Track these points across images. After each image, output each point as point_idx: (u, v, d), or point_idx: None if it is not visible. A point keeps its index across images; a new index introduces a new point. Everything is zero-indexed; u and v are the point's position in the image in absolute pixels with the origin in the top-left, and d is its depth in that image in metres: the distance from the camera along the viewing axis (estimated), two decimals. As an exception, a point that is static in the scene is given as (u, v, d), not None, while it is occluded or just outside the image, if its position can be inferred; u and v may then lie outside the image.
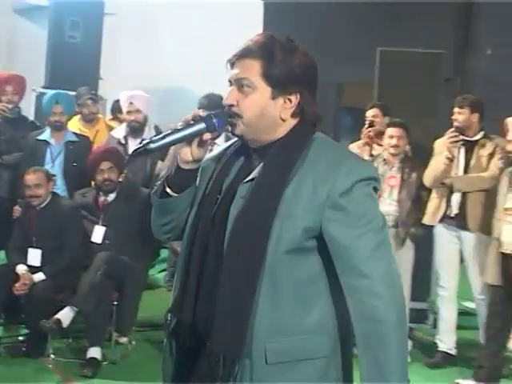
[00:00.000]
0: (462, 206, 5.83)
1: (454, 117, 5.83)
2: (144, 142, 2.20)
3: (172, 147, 4.89)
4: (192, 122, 2.21)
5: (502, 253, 5.25)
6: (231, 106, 2.22)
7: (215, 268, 2.19)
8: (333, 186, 2.13)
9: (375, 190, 2.22)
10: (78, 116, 7.09)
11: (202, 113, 2.24)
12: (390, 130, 6.02)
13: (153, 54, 11.06)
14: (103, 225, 5.77)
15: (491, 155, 5.82)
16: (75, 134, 6.47)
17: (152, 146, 2.18)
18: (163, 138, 2.19)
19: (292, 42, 2.25)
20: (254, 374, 2.13)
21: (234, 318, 2.13)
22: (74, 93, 7.26)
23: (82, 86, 7.47)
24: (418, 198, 5.97)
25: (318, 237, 2.16)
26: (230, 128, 2.26)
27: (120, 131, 6.42)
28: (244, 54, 2.22)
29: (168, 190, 2.32)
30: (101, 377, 5.39)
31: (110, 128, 7.05)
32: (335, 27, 10.71)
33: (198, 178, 2.35)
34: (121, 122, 7.43)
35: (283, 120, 2.24)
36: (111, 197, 5.83)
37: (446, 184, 5.83)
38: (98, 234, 5.74)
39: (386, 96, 7.19)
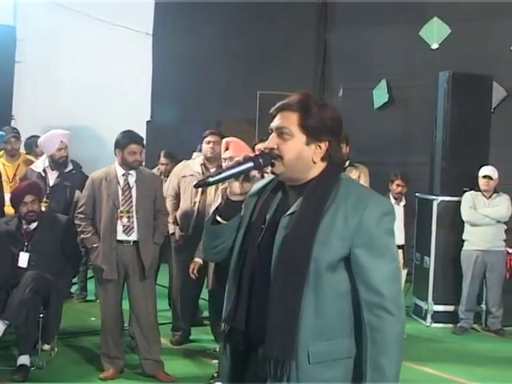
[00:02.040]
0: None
1: None
2: (206, 176, 2.37)
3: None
4: (243, 162, 2.34)
5: None
6: (272, 149, 2.34)
7: (264, 286, 2.31)
8: (362, 216, 2.27)
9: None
10: (2, 151, 6.93)
11: (251, 154, 2.38)
12: None
13: (56, 95, 10.92)
14: (27, 251, 5.63)
15: (357, 180, 6.08)
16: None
17: (211, 179, 2.33)
18: (219, 173, 2.35)
19: (323, 100, 2.43)
20: (299, 373, 2.27)
21: (284, 327, 2.26)
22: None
23: (-3, 125, 7.30)
24: None
25: (347, 258, 2.29)
26: (270, 168, 2.37)
27: (39, 165, 6.29)
28: (284, 108, 2.36)
29: (218, 218, 2.45)
30: (30, 381, 5.30)
31: (29, 162, 6.90)
32: (218, 73, 10.84)
33: (242, 209, 2.47)
34: (36, 156, 7.30)
35: (314, 162, 2.36)
36: (33, 225, 5.71)
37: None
38: (23, 259, 5.60)
39: (266, 132, 7.41)
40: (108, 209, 5.30)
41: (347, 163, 6.16)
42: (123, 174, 5.37)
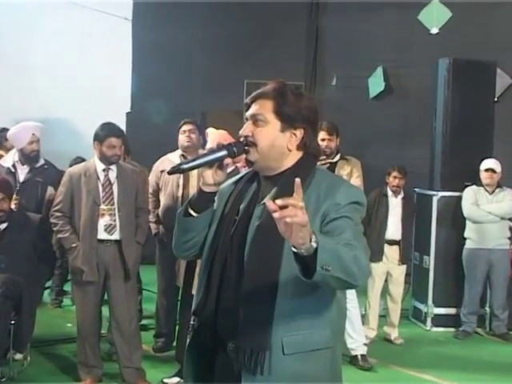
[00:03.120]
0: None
1: (325, 143, 5.92)
2: (178, 163, 2.45)
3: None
4: (216, 149, 2.45)
5: None
6: (247, 136, 2.47)
7: (235, 276, 2.41)
8: (332, 199, 2.37)
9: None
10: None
11: (225, 142, 2.49)
12: None
13: (29, 88, 10.87)
14: (-3, 252, 5.59)
15: (350, 174, 6.05)
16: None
17: (185, 166, 2.42)
18: (193, 160, 2.45)
19: (299, 89, 2.56)
20: (272, 364, 2.33)
21: (258, 317, 2.33)
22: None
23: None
24: None
25: None
26: (245, 155, 2.48)
27: (9, 160, 6.24)
28: (259, 96, 2.50)
29: (190, 210, 2.55)
30: (0, 392, 5.30)
31: (-1, 156, 6.86)
32: (202, 61, 10.81)
33: (215, 202, 2.58)
34: (6, 150, 7.23)
35: (290, 150, 2.49)
36: (3, 225, 5.64)
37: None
38: None
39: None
40: (88, 206, 5.30)
41: (338, 157, 6.09)
42: (103, 170, 5.38)
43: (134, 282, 5.57)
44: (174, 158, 6.27)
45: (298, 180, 2.06)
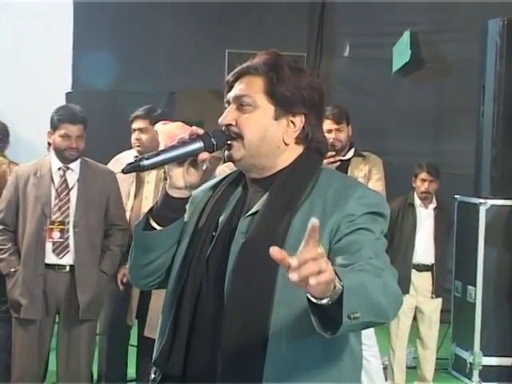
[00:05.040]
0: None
1: (332, 135, 5.83)
2: (138, 157, 2.42)
3: None
4: (189, 141, 2.42)
5: None
6: (229, 125, 2.44)
7: (212, 314, 2.38)
8: (342, 210, 2.35)
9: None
10: None
11: (200, 131, 2.44)
12: None
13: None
14: None
15: (367, 176, 5.99)
16: None
17: (146, 162, 2.39)
18: (158, 154, 2.41)
19: (298, 63, 2.54)
20: None
21: (244, 371, 2.29)
22: None
23: None
24: None
25: None
26: (227, 151, 2.46)
27: None
28: (246, 71, 2.49)
29: (153, 222, 2.50)
30: None
31: None
32: (169, 27, 10.77)
33: (187, 211, 2.54)
34: None
35: (286, 144, 2.47)
36: None
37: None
38: None
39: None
40: (34, 218, 5.28)
41: (351, 153, 6.07)
42: (59, 169, 5.37)
43: (93, 326, 5.54)
44: (129, 160, 6.16)
45: (315, 221, 1.93)
